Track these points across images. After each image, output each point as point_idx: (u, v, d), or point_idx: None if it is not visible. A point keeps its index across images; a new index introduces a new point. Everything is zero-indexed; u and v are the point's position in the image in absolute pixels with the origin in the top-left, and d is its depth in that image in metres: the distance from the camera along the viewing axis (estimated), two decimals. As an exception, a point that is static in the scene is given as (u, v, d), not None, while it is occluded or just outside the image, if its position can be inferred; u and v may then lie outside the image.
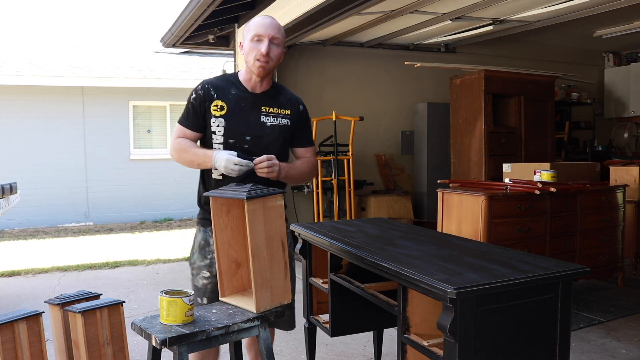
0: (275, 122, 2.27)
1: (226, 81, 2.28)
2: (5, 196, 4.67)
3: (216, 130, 2.21)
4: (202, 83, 2.27)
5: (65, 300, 2.82)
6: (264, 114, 2.25)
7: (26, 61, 9.74)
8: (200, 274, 2.28)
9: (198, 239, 2.33)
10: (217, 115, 2.21)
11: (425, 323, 1.94)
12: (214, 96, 2.22)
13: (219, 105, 2.22)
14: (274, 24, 2.19)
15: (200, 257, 2.30)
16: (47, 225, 9.46)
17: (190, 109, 2.24)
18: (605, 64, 8.36)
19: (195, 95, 2.23)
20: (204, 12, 5.53)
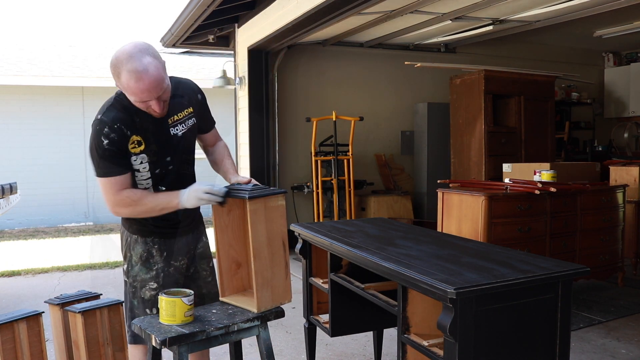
0: (184, 128, 2.09)
1: (126, 111, 1.96)
2: (5, 196, 4.67)
3: (140, 167, 2.00)
4: (107, 124, 1.92)
5: (65, 300, 2.82)
6: (172, 126, 2.05)
7: (26, 61, 9.74)
8: (147, 285, 2.13)
9: (138, 250, 2.14)
10: (137, 152, 1.98)
11: (425, 323, 1.94)
12: (127, 134, 1.95)
13: (135, 140, 1.96)
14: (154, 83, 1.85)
15: (145, 269, 2.14)
16: (47, 225, 9.45)
17: (109, 156, 1.93)
18: (605, 64, 8.36)
19: (108, 140, 1.91)
20: (204, 12, 5.53)
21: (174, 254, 2.18)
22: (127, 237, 2.18)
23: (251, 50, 6.22)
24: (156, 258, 2.14)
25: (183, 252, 2.20)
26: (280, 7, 5.22)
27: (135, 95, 1.87)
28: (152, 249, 2.14)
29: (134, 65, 1.82)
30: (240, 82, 6.53)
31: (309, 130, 6.11)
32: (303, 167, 6.59)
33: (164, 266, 2.15)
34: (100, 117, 1.96)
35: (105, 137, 1.92)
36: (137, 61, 1.83)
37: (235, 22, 6.62)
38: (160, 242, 2.15)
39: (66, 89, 9.34)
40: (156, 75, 1.86)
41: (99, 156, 1.94)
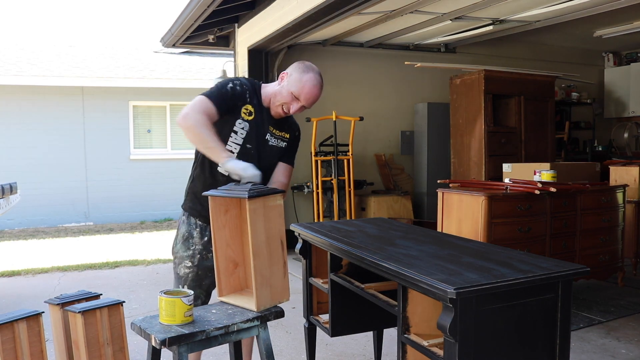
0: (275, 143, 2.37)
1: (254, 88, 2.30)
2: (5, 196, 4.67)
3: (239, 131, 2.25)
4: (241, 81, 2.28)
5: (65, 300, 2.82)
6: (270, 133, 2.34)
7: (26, 61, 9.74)
8: (183, 263, 2.34)
9: (182, 230, 2.38)
10: (246, 119, 2.26)
11: (425, 323, 1.94)
12: (247, 99, 2.26)
13: (248, 110, 2.26)
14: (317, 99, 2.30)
15: (184, 247, 2.35)
16: (47, 225, 9.45)
17: (224, 93, 2.22)
18: (605, 64, 8.36)
19: (233, 85, 2.24)
20: (204, 12, 5.53)
21: None
22: (182, 214, 2.41)
23: (251, 50, 6.22)
24: (195, 239, 2.34)
25: None
26: (280, 7, 5.22)
27: (302, 90, 2.23)
28: (194, 230, 2.34)
29: (320, 79, 2.31)
30: (240, 82, 6.52)
31: (309, 130, 6.10)
32: (303, 167, 6.58)
33: (202, 249, 2.33)
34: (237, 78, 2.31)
35: (233, 83, 2.25)
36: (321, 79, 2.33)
37: (235, 22, 6.62)
38: (202, 227, 2.34)
39: (66, 89, 9.34)
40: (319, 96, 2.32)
41: (217, 88, 2.23)
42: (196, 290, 2.31)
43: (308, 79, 2.25)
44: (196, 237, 2.35)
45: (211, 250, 2.25)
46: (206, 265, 2.34)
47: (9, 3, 15.00)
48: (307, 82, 2.24)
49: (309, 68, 2.29)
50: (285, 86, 2.27)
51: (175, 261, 2.39)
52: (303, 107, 2.28)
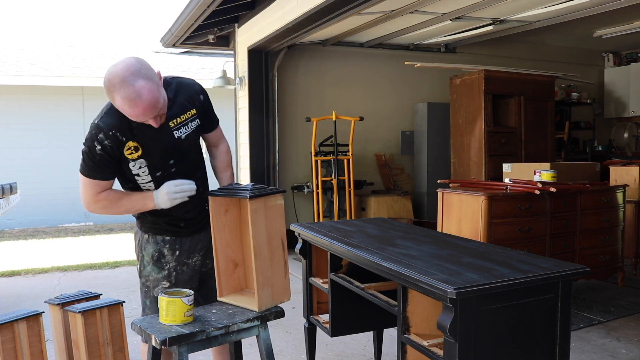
0: (188, 130, 2.08)
1: (124, 118, 1.92)
2: (5, 196, 4.67)
3: (139, 172, 2.02)
4: (102, 130, 1.92)
5: (65, 300, 2.82)
6: (175, 129, 2.04)
7: (26, 61, 9.74)
8: (160, 285, 2.14)
9: (149, 251, 2.15)
10: (135, 157, 1.98)
11: (425, 323, 1.94)
12: (123, 141, 1.95)
13: (132, 146, 1.96)
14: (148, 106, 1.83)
15: (157, 269, 2.15)
16: (47, 225, 9.45)
17: (98, 161, 1.95)
18: (605, 64, 8.36)
19: (100, 146, 1.92)
20: (204, 12, 5.53)
21: (186, 252, 2.19)
22: (140, 236, 2.20)
23: (251, 50, 6.22)
24: (167, 257, 2.16)
25: (196, 250, 2.21)
26: (280, 7, 5.22)
27: (130, 117, 1.88)
28: (164, 248, 2.15)
29: (127, 92, 1.81)
30: (240, 82, 6.53)
31: (309, 130, 6.11)
32: (303, 167, 6.59)
33: (176, 265, 2.16)
34: (97, 122, 1.96)
35: (98, 143, 1.93)
36: (129, 87, 1.81)
37: (235, 22, 6.62)
38: (171, 241, 2.16)
39: (66, 89, 9.34)
40: (150, 99, 1.84)
41: (89, 158, 1.98)
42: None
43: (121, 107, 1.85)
44: (168, 255, 2.15)
45: (185, 262, 2.17)
46: (183, 279, 2.17)
47: (9, 3, 15.00)
48: (124, 109, 1.85)
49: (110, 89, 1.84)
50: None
51: (147, 285, 2.16)
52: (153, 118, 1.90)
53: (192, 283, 2.20)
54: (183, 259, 2.18)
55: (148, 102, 1.83)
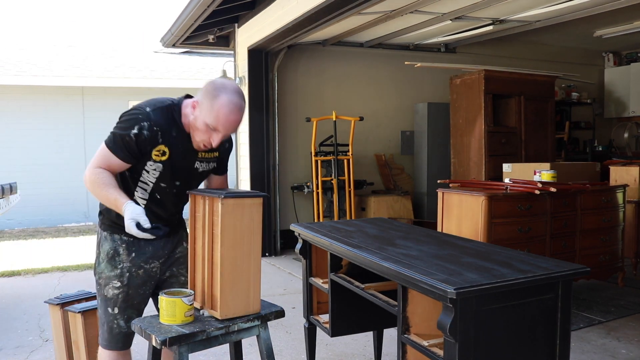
0: (206, 167, 2.16)
1: (169, 120, 2.01)
2: (5, 196, 4.67)
3: (150, 171, 2.03)
4: (148, 119, 1.96)
5: (65, 300, 2.82)
6: (199, 160, 2.12)
7: (26, 61, 9.74)
8: (111, 284, 2.09)
9: (105, 248, 2.12)
10: (157, 160, 2.01)
11: (425, 323, 1.94)
12: (159, 141, 1.99)
13: (161, 150, 2.00)
14: (238, 123, 1.98)
15: (110, 267, 2.10)
16: (47, 225, 9.45)
17: (128, 142, 1.96)
18: (605, 64, 8.36)
19: (138, 132, 1.95)
20: (204, 12, 5.54)
21: (145, 256, 2.12)
22: (99, 233, 2.17)
23: (251, 50, 6.22)
24: (122, 257, 2.10)
25: (155, 256, 2.15)
26: (280, 7, 5.23)
27: (217, 120, 1.92)
28: (120, 247, 2.10)
29: (237, 100, 1.94)
30: (240, 82, 6.53)
31: (309, 130, 6.11)
32: (303, 167, 6.59)
33: (130, 266, 2.10)
34: (148, 109, 1.99)
35: (138, 128, 1.95)
36: (238, 97, 1.95)
37: (235, 22, 6.62)
38: (129, 242, 2.10)
39: (66, 89, 9.34)
40: (241, 119, 1.98)
41: (121, 134, 1.97)
42: (127, 311, 2.10)
43: (221, 105, 1.91)
44: (123, 254, 2.10)
45: (141, 265, 2.12)
46: (137, 283, 2.11)
47: (9, 3, 15.00)
48: (221, 109, 1.91)
49: (220, 89, 1.94)
50: (198, 117, 1.97)
51: (100, 282, 2.12)
52: (224, 136, 1.99)
53: (145, 288, 2.14)
54: (140, 262, 2.11)
55: (240, 119, 1.98)
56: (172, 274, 2.21)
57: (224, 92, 1.92)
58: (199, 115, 1.96)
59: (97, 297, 2.16)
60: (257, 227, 1.98)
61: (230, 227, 1.92)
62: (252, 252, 1.98)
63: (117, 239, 2.11)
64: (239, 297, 1.96)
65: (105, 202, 2.03)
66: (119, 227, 2.09)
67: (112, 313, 2.10)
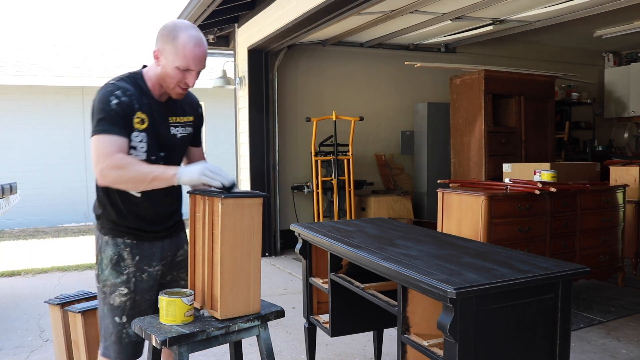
0: (183, 132, 2.09)
1: (137, 88, 1.96)
2: (5, 196, 4.67)
3: (138, 145, 1.95)
4: (118, 87, 1.91)
5: (65, 300, 2.82)
6: (172, 125, 2.06)
7: (26, 61, 9.74)
8: (117, 291, 2.01)
9: (108, 253, 2.02)
10: (140, 129, 1.94)
11: (425, 323, 1.94)
12: (135, 107, 1.92)
13: (140, 118, 1.94)
14: (205, 55, 1.96)
15: (115, 273, 2.01)
16: (47, 225, 9.45)
17: (114, 115, 1.87)
18: (605, 64, 8.36)
19: (117, 100, 1.88)
20: (204, 12, 5.54)
21: (148, 258, 2.07)
22: (99, 238, 2.07)
23: (251, 50, 6.22)
24: (127, 261, 2.02)
25: (158, 258, 2.10)
26: (280, 7, 5.23)
27: (185, 59, 1.90)
28: (123, 251, 2.02)
29: (196, 33, 1.94)
30: (240, 82, 6.53)
31: (309, 130, 6.10)
32: (303, 167, 6.59)
33: (135, 271, 2.03)
34: (113, 82, 1.95)
35: (115, 98, 1.89)
36: (197, 32, 1.95)
37: (235, 22, 6.62)
38: (132, 245, 2.04)
39: (66, 89, 9.34)
40: (206, 51, 1.96)
41: (104, 112, 1.87)
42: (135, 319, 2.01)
43: (185, 43, 1.89)
44: (127, 259, 2.02)
45: (145, 269, 2.05)
46: (143, 288, 2.04)
47: (9, 3, 15.00)
48: (186, 46, 1.89)
49: (176, 29, 1.91)
50: (166, 65, 1.92)
51: (104, 291, 2.02)
52: (198, 72, 1.96)
53: (152, 294, 2.07)
54: (143, 266, 2.05)
55: (206, 50, 1.96)
56: (172, 278, 2.17)
57: (181, 31, 1.90)
58: (165, 63, 1.92)
59: (102, 306, 2.06)
60: (257, 227, 1.98)
61: (230, 227, 1.91)
62: (252, 252, 1.98)
63: (120, 243, 2.03)
64: (239, 297, 1.96)
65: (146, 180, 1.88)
66: (121, 230, 2.03)
67: (120, 322, 2.02)
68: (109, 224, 2.05)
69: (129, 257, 2.03)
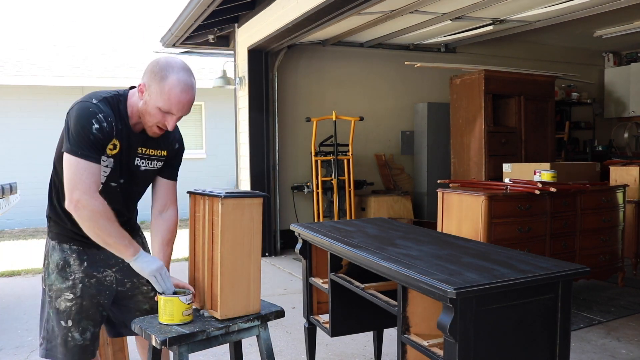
0: (149, 166, 2.02)
1: (117, 112, 1.90)
2: (5, 196, 4.67)
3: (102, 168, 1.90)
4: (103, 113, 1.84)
5: (65, 300, 2.81)
6: (139, 157, 1.99)
7: (26, 61, 9.74)
8: (63, 296, 1.97)
9: (55, 258, 2.00)
10: (110, 154, 1.90)
11: (425, 323, 1.94)
12: (113, 133, 1.87)
13: (114, 143, 1.89)
14: (191, 102, 1.87)
15: (61, 278, 1.98)
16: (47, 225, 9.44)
17: (93, 141, 1.82)
18: (605, 64, 8.36)
19: (98, 126, 1.82)
20: (204, 12, 5.54)
21: (96, 264, 2.02)
22: (47, 242, 2.06)
23: (251, 50, 6.22)
24: (74, 267, 1.99)
25: (108, 264, 2.03)
26: (280, 7, 5.23)
27: (169, 102, 1.83)
28: (70, 257, 1.99)
29: (185, 77, 1.85)
30: (240, 82, 6.53)
31: (309, 130, 6.11)
32: (303, 167, 6.59)
33: (83, 277, 1.98)
34: (96, 102, 1.86)
35: (97, 122, 1.82)
36: (187, 75, 1.86)
37: (235, 22, 6.62)
38: (79, 251, 2.00)
39: (66, 89, 9.34)
40: (193, 97, 1.88)
41: (84, 136, 1.81)
42: (82, 323, 1.97)
43: (171, 87, 1.81)
44: (74, 265, 1.98)
45: (94, 275, 2.00)
46: (91, 293, 1.99)
47: (9, 3, 15.00)
48: (172, 90, 1.81)
49: (167, 68, 1.83)
50: (149, 102, 1.85)
51: (50, 295, 1.99)
52: (179, 117, 1.89)
53: (100, 298, 2.01)
54: (92, 272, 2.00)
55: (193, 98, 1.88)
56: (133, 285, 2.09)
57: (171, 72, 1.82)
58: (148, 99, 1.85)
59: (46, 310, 2.02)
60: (257, 227, 1.98)
61: (230, 227, 1.91)
62: (252, 252, 1.98)
63: (67, 249, 2.01)
64: (239, 297, 1.96)
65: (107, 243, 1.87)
66: (67, 236, 2.00)
67: (65, 326, 1.97)
68: (56, 228, 2.05)
69: (76, 263, 2.00)
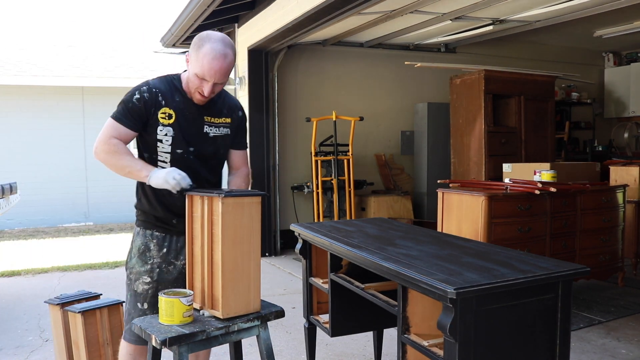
0: (217, 132, 2.20)
1: (170, 85, 2.14)
2: (5, 196, 4.67)
3: (163, 138, 2.10)
4: (147, 85, 2.10)
5: (65, 300, 2.82)
6: (207, 124, 2.18)
7: (26, 61, 9.74)
8: (141, 279, 2.14)
9: (137, 243, 2.19)
10: (166, 123, 2.09)
11: (425, 323, 1.94)
12: (161, 102, 2.09)
13: (167, 113, 2.09)
14: (223, 70, 2.03)
15: (140, 262, 2.16)
16: (47, 225, 9.45)
17: (131, 108, 2.07)
18: (605, 64, 8.36)
19: (139, 95, 2.07)
20: (204, 12, 5.54)
21: (175, 251, 2.18)
22: (134, 228, 2.25)
23: (251, 50, 6.22)
24: (153, 252, 2.16)
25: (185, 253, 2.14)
26: (280, 7, 5.23)
27: (202, 69, 2.01)
28: (151, 242, 2.17)
29: (220, 47, 2.01)
30: (240, 82, 6.53)
31: (309, 130, 6.11)
32: (303, 167, 6.59)
33: (160, 262, 2.16)
34: (149, 80, 2.14)
35: (139, 93, 2.08)
36: (223, 46, 2.03)
37: (235, 22, 6.62)
38: (159, 237, 2.17)
39: (66, 89, 9.34)
40: (227, 66, 2.04)
41: (124, 103, 2.08)
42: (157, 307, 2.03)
43: (205, 54, 2.00)
44: (154, 250, 2.16)
45: (171, 262, 2.17)
46: (167, 279, 2.16)
47: (9, 3, 15.00)
48: (205, 57, 2.00)
49: (205, 39, 2.03)
50: (190, 70, 2.07)
51: (130, 277, 2.17)
52: (215, 84, 2.05)
53: (176, 285, 2.14)
54: (170, 258, 2.17)
55: (226, 66, 2.03)
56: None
57: (207, 42, 2.01)
58: (190, 68, 2.07)
59: (127, 292, 2.19)
60: (256, 225, 1.98)
61: (230, 226, 1.92)
62: (252, 250, 1.98)
63: (149, 235, 2.18)
64: (240, 295, 1.96)
65: (123, 171, 2.07)
66: (151, 223, 2.18)
67: (141, 308, 2.13)
68: (142, 215, 2.21)
69: (155, 249, 2.17)
